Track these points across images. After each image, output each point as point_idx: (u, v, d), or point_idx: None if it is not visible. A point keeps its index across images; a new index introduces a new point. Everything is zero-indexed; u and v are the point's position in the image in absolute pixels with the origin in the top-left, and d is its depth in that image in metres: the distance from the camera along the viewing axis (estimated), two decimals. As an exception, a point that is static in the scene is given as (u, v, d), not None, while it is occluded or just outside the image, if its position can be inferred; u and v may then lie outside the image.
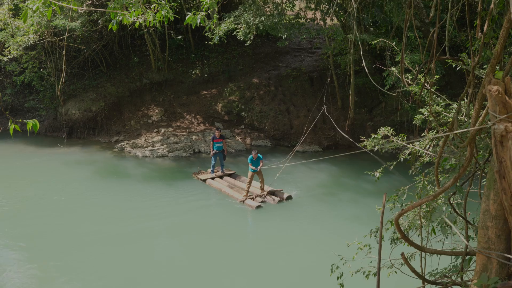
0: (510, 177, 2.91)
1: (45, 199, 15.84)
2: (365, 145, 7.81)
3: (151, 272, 10.79)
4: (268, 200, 15.35)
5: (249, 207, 14.88)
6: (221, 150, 17.63)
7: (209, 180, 17.39)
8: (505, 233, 3.15)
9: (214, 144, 17.47)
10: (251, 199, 15.21)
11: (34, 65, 25.42)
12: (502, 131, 2.84)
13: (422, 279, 4.24)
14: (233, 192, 16.08)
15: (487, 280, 3.11)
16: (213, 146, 17.49)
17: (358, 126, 23.01)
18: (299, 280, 10.53)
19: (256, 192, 15.72)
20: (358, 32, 18.40)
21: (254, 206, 14.79)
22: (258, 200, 15.20)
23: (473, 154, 3.50)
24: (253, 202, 15.04)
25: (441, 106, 6.68)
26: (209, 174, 17.94)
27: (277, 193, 15.76)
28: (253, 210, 14.68)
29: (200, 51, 28.94)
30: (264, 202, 15.20)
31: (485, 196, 3.25)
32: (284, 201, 15.36)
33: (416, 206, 3.76)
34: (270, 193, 15.69)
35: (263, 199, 15.31)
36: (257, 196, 15.39)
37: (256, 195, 15.43)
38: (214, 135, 17.71)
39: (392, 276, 6.52)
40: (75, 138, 25.85)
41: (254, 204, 14.83)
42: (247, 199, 15.23)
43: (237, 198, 15.48)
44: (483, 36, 3.74)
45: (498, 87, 2.81)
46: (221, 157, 17.75)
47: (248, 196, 15.36)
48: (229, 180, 17.64)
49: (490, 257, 3.17)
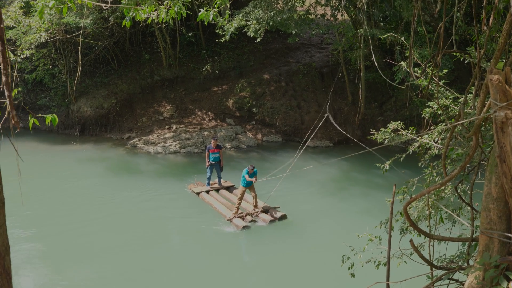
0: (510, 161, 3.07)
1: (58, 195, 16.09)
2: (375, 139, 7.93)
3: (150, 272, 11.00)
4: (258, 220, 13.62)
5: (236, 227, 13.18)
6: (218, 161, 15.97)
7: (203, 194, 15.71)
8: (506, 214, 3.32)
9: (209, 154, 15.84)
10: (240, 218, 13.53)
11: (46, 63, 25.72)
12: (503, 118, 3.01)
13: (430, 265, 4.38)
14: (224, 208, 14.39)
15: (489, 259, 3.26)
16: (209, 157, 15.86)
17: (368, 121, 23.08)
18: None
19: (249, 209, 14.11)
20: (368, 27, 18.46)
21: (240, 226, 13.08)
22: (247, 219, 13.49)
23: (478, 143, 3.64)
24: (240, 221, 13.32)
25: (450, 99, 6.80)
26: (204, 186, 16.25)
27: (271, 211, 13.92)
28: (239, 231, 13.03)
29: (211, 48, 29.10)
30: (254, 222, 13.51)
31: (487, 180, 3.40)
32: (277, 221, 13.55)
33: (425, 194, 3.90)
34: (264, 210, 13.96)
35: (254, 217, 13.62)
36: (248, 215, 13.64)
37: (247, 213, 13.69)
38: (209, 145, 16.17)
39: (402, 266, 6.67)
40: (87, 135, 26.13)
41: (241, 224, 13.13)
42: (235, 217, 13.56)
43: (226, 215, 13.85)
44: (488, 30, 3.87)
45: (498, 77, 2.97)
46: (217, 169, 16.11)
47: (237, 214, 13.68)
48: (225, 194, 15.92)
49: (492, 237, 3.33)
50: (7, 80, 3.10)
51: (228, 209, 14.30)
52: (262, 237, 12.92)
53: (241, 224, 13.12)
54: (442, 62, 16.17)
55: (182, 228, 13.58)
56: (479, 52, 4.12)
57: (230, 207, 14.44)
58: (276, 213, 13.74)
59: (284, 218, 13.64)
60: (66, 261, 11.33)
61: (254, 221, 13.51)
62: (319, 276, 10.51)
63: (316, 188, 16.54)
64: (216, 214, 14.30)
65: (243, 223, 13.21)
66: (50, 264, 11.27)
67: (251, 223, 13.39)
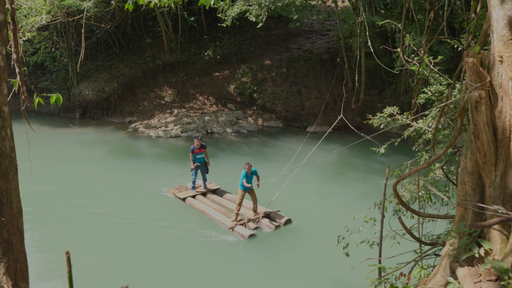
0: (483, 138, 3.30)
1: (61, 177, 16.34)
2: (371, 123, 8.13)
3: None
4: (262, 226, 12.54)
5: (240, 236, 11.95)
6: (203, 162, 14.54)
7: (190, 199, 14.20)
8: (479, 186, 3.56)
9: (194, 156, 14.36)
10: (241, 225, 12.31)
11: (47, 46, 25.78)
12: (477, 98, 3.24)
13: (418, 241, 4.60)
14: (220, 215, 13.06)
15: (463, 227, 3.49)
16: (193, 159, 14.36)
17: (368, 108, 23.22)
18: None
19: (248, 215, 12.91)
20: (369, 14, 18.55)
21: (246, 235, 11.86)
22: (250, 226, 12.34)
23: (463, 124, 3.84)
24: (244, 229, 12.12)
25: (444, 85, 6.99)
26: (189, 191, 14.71)
27: (274, 215, 12.87)
28: (246, 240, 11.83)
29: (213, 33, 29.14)
30: (258, 228, 12.37)
31: (463, 155, 3.63)
32: (282, 226, 12.52)
33: (413, 172, 4.12)
34: (265, 215, 12.87)
35: (257, 224, 12.51)
36: (250, 221, 12.51)
37: (248, 219, 12.54)
38: (193, 145, 14.53)
39: (394, 246, 6.91)
40: (89, 118, 26.29)
41: (246, 233, 11.92)
42: (237, 225, 12.32)
43: (225, 223, 12.55)
44: (476, 17, 4.05)
45: (473, 59, 3.19)
46: (203, 170, 14.58)
47: (238, 221, 12.46)
48: (214, 198, 14.52)
49: (466, 208, 3.56)
50: (18, 57, 3.29)
51: (225, 215, 13.03)
52: (271, 246, 11.73)
53: (246, 232, 11.93)
54: (440, 50, 16.33)
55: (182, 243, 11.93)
56: (467, 38, 4.31)
57: (225, 213, 13.20)
58: (280, 218, 12.70)
59: (289, 223, 12.62)
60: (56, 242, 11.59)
61: (258, 228, 12.36)
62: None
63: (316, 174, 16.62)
64: (210, 221, 13.00)
65: (248, 231, 12.03)
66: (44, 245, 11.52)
67: (256, 231, 12.23)
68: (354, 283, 7.38)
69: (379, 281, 4.08)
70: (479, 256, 3.45)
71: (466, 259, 3.50)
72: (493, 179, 3.42)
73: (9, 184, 2.78)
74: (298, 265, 10.68)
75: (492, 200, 3.45)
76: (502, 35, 3.31)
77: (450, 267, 3.55)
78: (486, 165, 3.43)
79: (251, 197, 12.68)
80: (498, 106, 3.39)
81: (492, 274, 3.22)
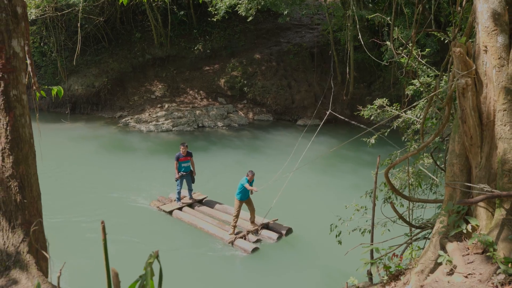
0: (469, 122, 3.56)
1: (53, 172, 16.39)
2: (362, 115, 8.38)
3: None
4: (264, 237, 11.46)
5: (243, 251, 10.82)
6: (189, 171, 13.21)
7: (177, 212, 12.84)
8: (467, 168, 3.83)
9: (179, 164, 13.08)
10: (241, 238, 11.21)
11: (35, 40, 25.72)
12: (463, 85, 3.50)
13: (409, 225, 4.83)
14: (215, 229, 11.79)
15: (452, 206, 3.74)
16: (178, 167, 13.07)
17: (357, 100, 23.51)
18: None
19: (245, 226, 11.80)
20: (357, 8, 18.79)
21: (249, 249, 10.76)
22: (251, 239, 11.22)
23: (450, 112, 4.08)
24: (246, 243, 11.01)
25: (431, 77, 7.23)
26: (174, 202, 13.34)
27: (273, 225, 11.86)
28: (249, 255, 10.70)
29: (202, 27, 29.24)
30: (260, 240, 11.30)
31: (451, 139, 3.88)
32: (284, 236, 11.51)
33: (403, 159, 4.35)
34: (264, 226, 11.83)
35: (257, 236, 11.44)
36: (249, 233, 11.41)
37: (247, 231, 11.42)
38: (178, 152, 13.26)
39: (385, 233, 7.16)
40: (79, 113, 26.31)
41: (249, 247, 10.82)
42: (237, 238, 11.19)
43: (222, 237, 11.36)
44: (462, 10, 4.28)
45: (460, 49, 3.45)
46: (188, 180, 13.28)
47: (236, 234, 11.35)
48: (203, 210, 13.05)
49: (455, 188, 3.80)
50: (29, 49, 3.46)
51: (220, 228, 11.82)
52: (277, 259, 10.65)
53: (249, 246, 10.84)
54: (427, 43, 16.62)
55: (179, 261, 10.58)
56: (453, 31, 4.53)
57: (218, 225, 12.00)
58: (281, 228, 11.72)
59: (290, 233, 11.66)
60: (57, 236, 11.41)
61: (260, 241, 11.30)
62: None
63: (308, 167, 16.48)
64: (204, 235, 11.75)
65: (251, 244, 10.95)
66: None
67: (258, 243, 11.16)
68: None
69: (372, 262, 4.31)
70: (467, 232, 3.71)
71: (454, 235, 3.75)
72: (479, 160, 3.68)
73: (29, 168, 2.96)
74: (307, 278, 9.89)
75: (478, 179, 3.70)
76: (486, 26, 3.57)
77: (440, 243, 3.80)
78: (473, 148, 3.68)
79: (249, 207, 11.69)
80: (483, 92, 3.65)
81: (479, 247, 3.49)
